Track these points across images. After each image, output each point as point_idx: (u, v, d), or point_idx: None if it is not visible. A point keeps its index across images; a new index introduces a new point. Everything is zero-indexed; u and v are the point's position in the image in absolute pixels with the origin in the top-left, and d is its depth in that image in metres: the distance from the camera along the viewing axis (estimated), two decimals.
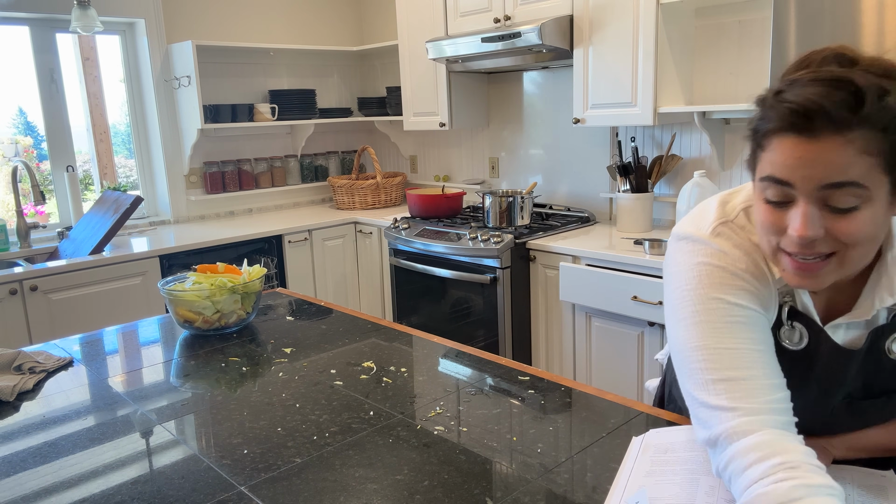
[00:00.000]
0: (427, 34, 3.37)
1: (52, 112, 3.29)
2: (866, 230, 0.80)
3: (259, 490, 0.98)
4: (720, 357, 0.86)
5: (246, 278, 1.72)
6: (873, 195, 0.78)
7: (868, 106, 0.75)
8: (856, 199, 0.78)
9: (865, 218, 0.79)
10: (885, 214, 0.81)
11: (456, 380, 1.37)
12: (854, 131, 0.76)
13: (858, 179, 0.77)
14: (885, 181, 0.78)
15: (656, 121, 2.63)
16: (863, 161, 0.76)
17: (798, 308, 0.93)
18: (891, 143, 0.77)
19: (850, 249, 0.81)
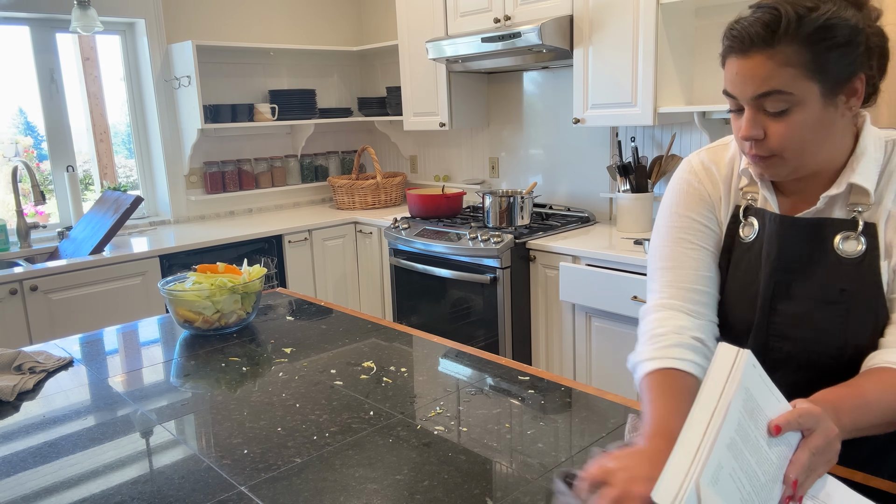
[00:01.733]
0: (427, 34, 3.37)
1: (52, 112, 3.29)
2: (798, 131, 0.94)
3: (259, 490, 0.98)
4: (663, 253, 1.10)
5: (246, 278, 1.72)
6: (800, 99, 0.92)
7: (784, 25, 0.90)
8: (784, 103, 0.93)
9: (797, 120, 0.94)
10: (822, 118, 0.94)
11: (456, 380, 1.37)
12: (775, 48, 0.91)
13: (782, 87, 0.92)
14: (812, 86, 0.92)
15: (656, 121, 2.63)
16: (784, 72, 0.91)
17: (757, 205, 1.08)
18: (812, 53, 0.91)
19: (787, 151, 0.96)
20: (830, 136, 0.97)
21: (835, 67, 0.92)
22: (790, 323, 1.04)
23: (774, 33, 0.91)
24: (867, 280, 0.98)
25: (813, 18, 0.90)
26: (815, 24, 0.90)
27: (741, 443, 0.76)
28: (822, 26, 0.90)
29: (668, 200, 1.15)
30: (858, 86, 0.95)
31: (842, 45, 0.92)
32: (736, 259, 1.08)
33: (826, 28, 0.90)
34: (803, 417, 0.80)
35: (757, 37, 0.92)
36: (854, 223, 0.99)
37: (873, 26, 0.94)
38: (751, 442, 0.77)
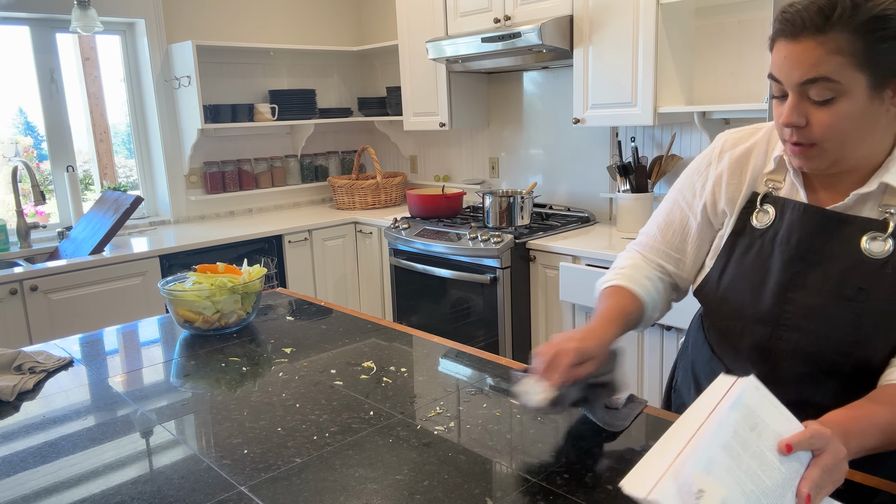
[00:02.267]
0: (427, 34, 3.37)
1: (52, 112, 3.29)
2: (841, 122, 0.92)
3: (259, 490, 0.98)
4: (665, 207, 1.22)
5: (246, 278, 1.72)
6: (847, 89, 0.91)
7: (839, 12, 0.89)
8: (830, 92, 0.91)
9: (841, 110, 0.92)
10: (867, 110, 0.92)
11: (456, 380, 1.37)
12: (827, 34, 0.89)
13: (829, 75, 0.90)
14: (860, 77, 0.90)
15: (656, 121, 2.63)
16: (833, 59, 0.90)
17: (779, 194, 1.06)
18: (864, 42, 0.89)
19: (828, 142, 0.94)
20: (872, 131, 0.95)
21: (886, 60, 0.90)
22: (802, 313, 1.02)
23: (828, 19, 0.89)
24: (888, 283, 0.97)
25: (868, 7, 0.89)
26: (871, 14, 0.89)
27: (739, 448, 0.77)
28: (876, 16, 0.89)
29: (691, 166, 1.19)
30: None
31: (894, 38, 0.90)
32: (745, 244, 1.07)
33: (881, 18, 0.89)
34: (815, 438, 0.80)
35: (810, 21, 0.90)
36: (884, 224, 0.97)
37: None
38: (752, 450, 0.78)
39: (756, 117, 2.62)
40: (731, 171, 1.11)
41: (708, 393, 0.84)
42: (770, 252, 1.05)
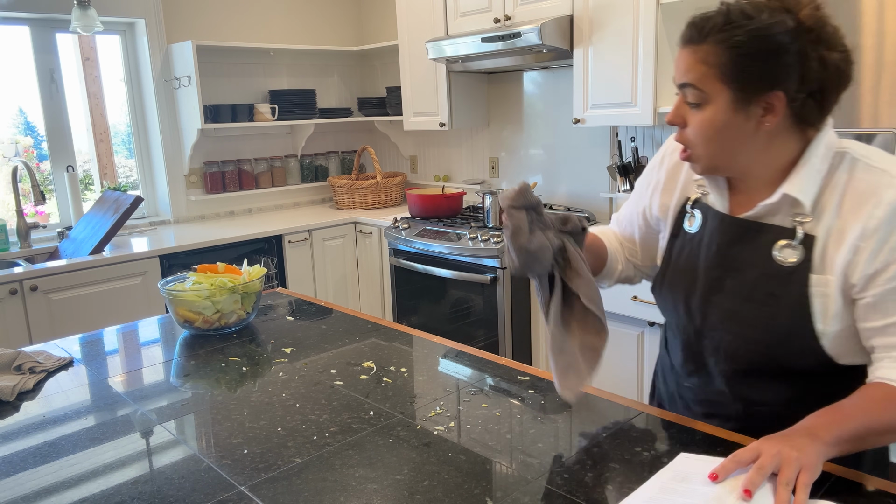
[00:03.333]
0: (427, 34, 3.37)
1: (52, 112, 3.29)
2: (705, 128, 0.99)
3: (259, 490, 0.98)
4: (627, 203, 1.30)
5: (246, 278, 1.72)
6: (711, 98, 0.98)
7: (711, 26, 0.96)
8: (696, 97, 0.99)
9: (705, 116, 0.99)
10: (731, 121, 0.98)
11: (456, 380, 1.37)
12: (700, 45, 0.97)
13: (695, 82, 0.98)
14: (724, 90, 0.97)
15: (656, 121, 2.63)
16: (700, 68, 0.97)
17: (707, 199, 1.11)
18: (730, 57, 0.94)
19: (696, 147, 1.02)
20: (743, 142, 1.00)
21: (750, 77, 0.95)
22: (721, 316, 1.08)
23: (703, 32, 0.97)
24: (795, 290, 1.00)
25: (740, 25, 0.94)
26: (740, 32, 0.94)
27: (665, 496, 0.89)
28: (747, 35, 0.93)
29: (647, 167, 1.28)
30: (775, 102, 0.96)
31: (761, 59, 0.94)
32: (679, 247, 1.15)
33: (751, 38, 0.93)
34: (737, 455, 0.87)
35: (691, 32, 0.99)
36: (793, 232, 1.00)
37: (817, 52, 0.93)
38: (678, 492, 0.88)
39: None
40: (668, 177, 1.18)
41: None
42: (698, 256, 1.11)
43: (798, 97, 0.96)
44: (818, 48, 0.94)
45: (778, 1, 0.95)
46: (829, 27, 0.95)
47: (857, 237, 0.95)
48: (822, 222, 0.98)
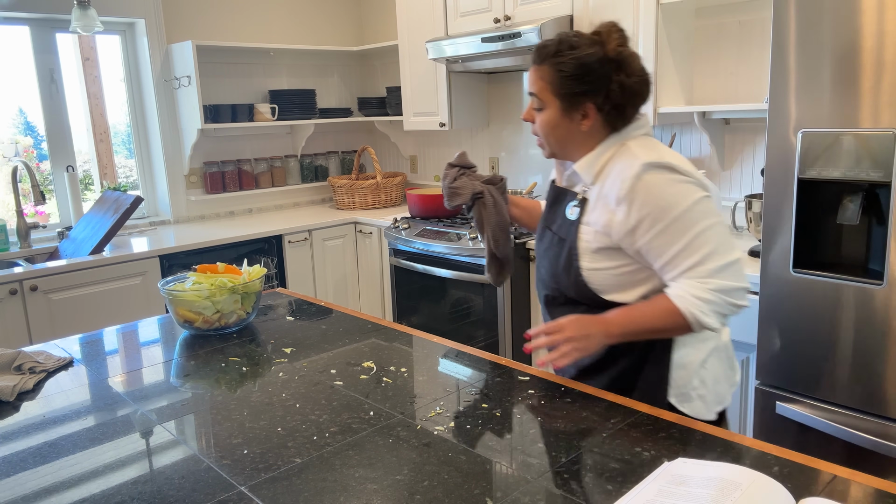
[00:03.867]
0: (427, 34, 3.37)
1: (52, 112, 3.29)
2: (544, 126, 1.37)
3: (259, 490, 0.98)
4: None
5: (246, 278, 1.71)
6: (547, 106, 1.34)
7: (546, 52, 1.32)
8: (538, 104, 1.36)
9: (543, 118, 1.36)
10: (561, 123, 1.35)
11: (456, 380, 1.37)
12: (540, 65, 1.33)
13: (537, 93, 1.35)
14: (555, 100, 1.33)
15: (656, 121, 2.63)
16: (540, 83, 1.34)
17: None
18: (558, 79, 1.31)
19: (541, 138, 1.40)
20: (572, 138, 1.36)
21: (571, 92, 1.31)
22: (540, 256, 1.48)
23: (544, 56, 1.32)
24: (571, 236, 1.37)
25: (565, 54, 1.30)
26: (564, 58, 1.30)
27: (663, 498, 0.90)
28: (565, 62, 1.30)
29: None
30: (590, 111, 1.32)
31: (575, 80, 1.30)
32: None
33: (572, 64, 1.29)
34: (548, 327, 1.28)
35: (538, 54, 1.34)
36: (576, 195, 1.40)
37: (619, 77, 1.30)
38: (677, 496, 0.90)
39: (756, 117, 2.62)
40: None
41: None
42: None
43: (605, 108, 1.32)
44: (619, 74, 1.30)
45: (595, 35, 1.33)
46: (629, 58, 1.32)
47: (612, 203, 1.30)
48: (594, 191, 1.35)
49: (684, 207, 1.25)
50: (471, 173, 1.59)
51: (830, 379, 1.83)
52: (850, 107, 1.70)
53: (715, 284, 1.25)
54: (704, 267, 1.25)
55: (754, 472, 0.91)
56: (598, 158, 1.35)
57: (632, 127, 1.35)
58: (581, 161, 1.36)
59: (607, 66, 1.29)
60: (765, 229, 1.91)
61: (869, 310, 1.74)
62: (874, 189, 1.72)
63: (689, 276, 1.26)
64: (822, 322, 1.83)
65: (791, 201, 1.84)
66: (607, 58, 1.30)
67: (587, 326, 1.26)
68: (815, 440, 1.89)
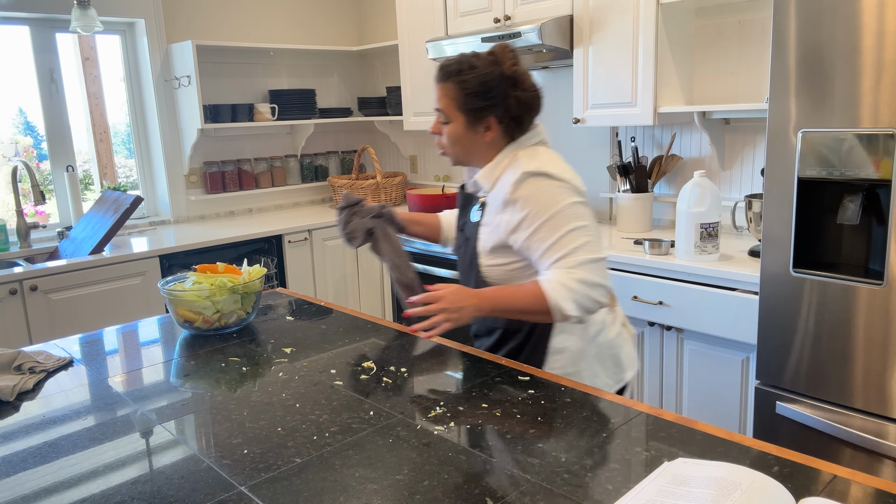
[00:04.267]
0: (427, 34, 3.37)
1: (52, 112, 3.29)
2: (451, 138, 1.52)
3: (259, 490, 0.98)
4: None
5: (246, 278, 1.71)
6: (453, 120, 1.50)
7: (450, 72, 1.47)
8: (444, 118, 1.51)
9: (450, 131, 1.51)
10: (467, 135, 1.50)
11: (456, 380, 1.37)
12: (445, 84, 1.48)
13: (443, 109, 1.50)
14: (459, 115, 1.48)
15: (656, 121, 2.63)
16: (446, 100, 1.49)
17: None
18: (462, 96, 1.46)
19: (448, 148, 1.55)
20: (475, 149, 1.52)
21: (473, 109, 1.47)
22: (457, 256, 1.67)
23: (446, 75, 1.47)
24: (473, 237, 1.56)
25: (466, 73, 1.45)
26: (466, 77, 1.45)
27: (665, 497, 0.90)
28: (466, 81, 1.45)
29: None
30: (492, 124, 1.48)
31: (478, 96, 1.45)
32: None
33: (470, 84, 1.45)
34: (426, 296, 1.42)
35: (442, 73, 1.48)
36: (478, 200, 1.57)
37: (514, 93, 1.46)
38: (677, 496, 0.90)
39: (756, 117, 2.62)
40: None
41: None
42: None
43: (504, 120, 1.48)
44: (515, 90, 1.46)
45: (491, 56, 1.46)
46: (522, 75, 1.47)
47: (500, 206, 1.47)
48: (491, 195, 1.51)
49: (557, 209, 1.41)
50: (360, 209, 1.70)
51: (830, 379, 1.83)
52: (850, 107, 1.70)
53: (579, 275, 1.39)
54: (572, 258, 1.40)
55: (754, 472, 0.91)
56: (495, 168, 1.51)
57: (526, 137, 1.52)
58: (482, 171, 1.52)
59: (504, 83, 1.45)
60: (765, 229, 1.92)
61: (869, 310, 1.74)
62: (874, 189, 1.72)
63: (558, 266, 1.40)
64: (822, 322, 1.83)
65: (791, 201, 1.84)
66: (504, 75, 1.45)
67: (461, 299, 1.40)
68: (815, 440, 1.89)
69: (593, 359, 1.56)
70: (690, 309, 2.25)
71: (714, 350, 2.28)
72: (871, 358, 1.75)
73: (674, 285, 2.29)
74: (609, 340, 1.59)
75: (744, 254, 2.40)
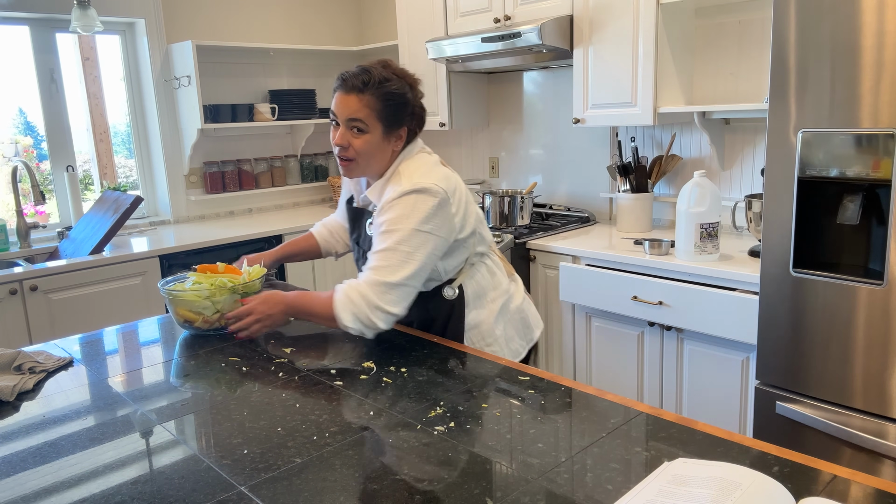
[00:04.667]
0: (427, 34, 3.37)
1: (52, 112, 3.29)
2: (365, 147, 1.56)
3: (259, 490, 0.98)
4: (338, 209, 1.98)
5: (246, 278, 1.71)
6: (370, 129, 1.55)
7: (370, 83, 1.52)
8: (361, 127, 1.55)
9: (366, 139, 1.55)
10: (381, 144, 1.57)
11: (456, 380, 1.37)
12: (363, 94, 1.53)
13: (361, 118, 1.54)
14: (378, 124, 1.55)
15: (656, 121, 2.63)
16: (364, 110, 1.53)
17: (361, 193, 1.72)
18: (381, 106, 1.53)
19: (359, 158, 1.57)
20: (383, 157, 1.60)
21: (390, 119, 1.55)
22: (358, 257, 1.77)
23: (365, 85, 1.52)
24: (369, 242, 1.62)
25: (386, 85, 1.53)
26: (385, 90, 1.53)
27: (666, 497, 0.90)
28: (389, 92, 1.53)
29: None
30: (402, 134, 1.59)
31: (397, 108, 1.55)
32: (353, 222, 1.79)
33: (392, 95, 1.54)
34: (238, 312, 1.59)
35: (355, 84, 1.53)
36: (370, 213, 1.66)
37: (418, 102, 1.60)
38: (677, 496, 0.89)
39: (756, 117, 2.62)
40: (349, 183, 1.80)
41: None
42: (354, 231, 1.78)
43: (413, 130, 1.61)
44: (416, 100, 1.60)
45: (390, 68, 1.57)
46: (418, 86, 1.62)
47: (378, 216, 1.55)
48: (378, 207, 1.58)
49: (401, 226, 1.49)
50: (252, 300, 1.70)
51: (831, 379, 1.83)
52: (850, 107, 1.70)
53: (367, 293, 1.48)
54: (375, 275, 1.48)
55: (754, 472, 0.91)
56: (384, 184, 1.60)
57: (413, 146, 1.64)
58: (372, 188, 1.62)
59: (413, 95, 1.58)
60: (765, 229, 1.92)
61: (869, 310, 1.74)
62: (874, 189, 1.72)
63: (362, 276, 1.51)
64: (822, 322, 1.83)
65: (791, 201, 1.84)
66: (411, 87, 1.58)
67: (271, 307, 1.58)
68: (815, 440, 1.89)
69: (507, 325, 1.72)
70: (690, 309, 2.25)
71: (714, 350, 2.29)
72: (871, 358, 1.75)
73: (674, 285, 2.29)
74: (517, 307, 1.76)
75: (744, 254, 2.41)
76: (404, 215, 1.49)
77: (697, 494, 0.88)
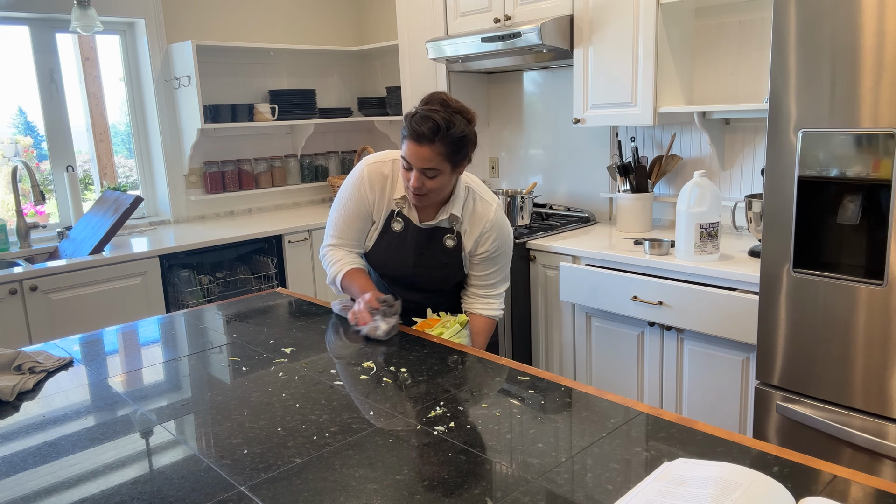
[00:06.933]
0: (427, 34, 3.37)
1: (52, 112, 3.29)
2: (438, 185, 1.71)
3: (259, 490, 0.98)
4: (338, 224, 1.88)
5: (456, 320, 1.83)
6: (442, 172, 1.69)
7: (440, 133, 1.63)
8: (434, 172, 1.68)
9: (439, 180, 1.70)
10: (450, 178, 1.73)
11: (456, 380, 1.37)
12: (434, 144, 1.64)
13: (435, 166, 1.67)
14: (447, 165, 1.68)
15: (656, 121, 2.63)
16: (437, 158, 1.66)
17: (404, 212, 1.83)
18: (450, 151, 1.66)
19: (432, 193, 1.72)
20: (450, 185, 1.77)
21: (457, 158, 1.69)
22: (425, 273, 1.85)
23: (436, 135, 1.63)
24: (454, 259, 1.84)
25: (452, 132, 1.64)
26: (453, 135, 1.65)
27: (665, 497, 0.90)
28: (455, 136, 1.65)
29: (345, 192, 1.86)
30: (465, 165, 1.74)
31: (462, 148, 1.68)
32: (389, 239, 1.85)
33: (458, 138, 1.66)
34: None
35: (427, 135, 1.63)
36: (452, 230, 1.83)
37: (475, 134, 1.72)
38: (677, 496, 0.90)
39: (756, 117, 2.62)
40: (378, 196, 1.83)
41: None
42: (405, 244, 1.84)
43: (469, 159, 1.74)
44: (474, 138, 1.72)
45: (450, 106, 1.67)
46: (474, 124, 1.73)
47: (478, 236, 1.83)
48: (462, 226, 1.83)
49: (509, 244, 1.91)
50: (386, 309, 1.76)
51: (831, 379, 1.83)
52: (850, 107, 1.70)
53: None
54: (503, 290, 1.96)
55: (754, 472, 0.91)
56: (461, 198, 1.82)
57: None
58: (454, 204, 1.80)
59: (470, 129, 1.71)
60: (765, 229, 1.92)
61: (869, 310, 1.74)
62: (874, 189, 1.72)
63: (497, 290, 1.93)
64: (822, 322, 1.83)
65: (791, 201, 1.84)
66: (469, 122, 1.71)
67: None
68: (815, 440, 1.89)
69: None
70: (690, 309, 2.25)
71: (714, 350, 2.28)
72: (871, 358, 1.75)
73: (674, 285, 2.29)
74: None
75: (744, 254, 2.40)
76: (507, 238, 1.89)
77: (697, 494, 0.88)
